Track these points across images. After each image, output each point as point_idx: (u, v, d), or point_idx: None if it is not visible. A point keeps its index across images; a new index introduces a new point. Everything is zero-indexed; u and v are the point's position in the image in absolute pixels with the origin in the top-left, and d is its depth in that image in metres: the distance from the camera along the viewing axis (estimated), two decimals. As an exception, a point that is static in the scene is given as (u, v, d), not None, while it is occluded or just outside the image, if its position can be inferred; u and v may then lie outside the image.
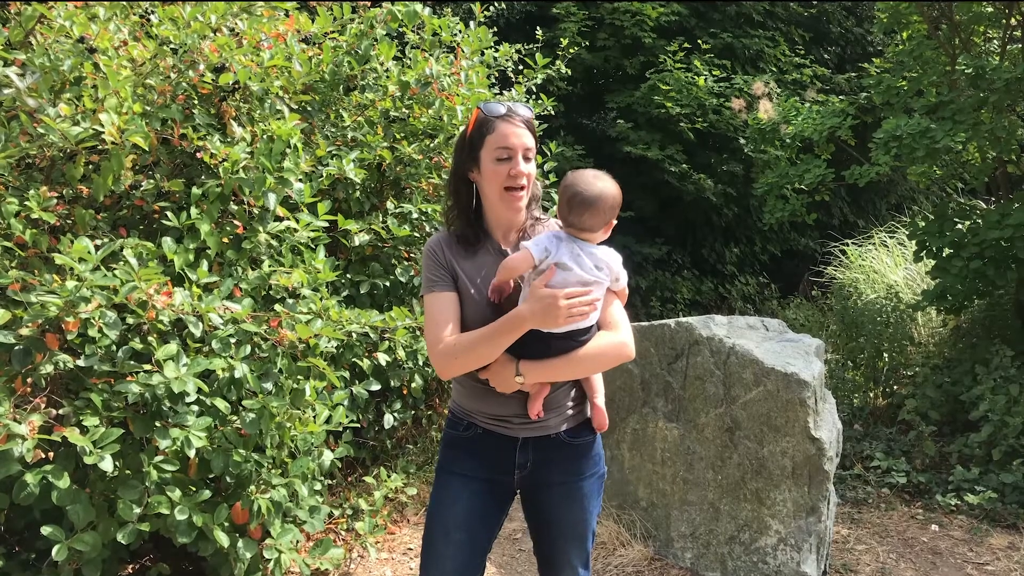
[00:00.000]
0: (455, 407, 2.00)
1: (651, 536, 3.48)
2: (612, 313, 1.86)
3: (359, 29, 3.72)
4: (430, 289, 1.86)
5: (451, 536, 1.91)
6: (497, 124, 1.81)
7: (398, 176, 3.93)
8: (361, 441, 3.94)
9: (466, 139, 1.87)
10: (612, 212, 1.81)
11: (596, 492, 2.00)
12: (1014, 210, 4.38)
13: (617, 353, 1.83)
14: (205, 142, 2.86)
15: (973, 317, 5.16)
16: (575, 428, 1.95)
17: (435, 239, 1.92)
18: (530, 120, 1.86)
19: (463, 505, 1.92)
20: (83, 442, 2.20)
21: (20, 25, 2.67)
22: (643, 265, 8.18)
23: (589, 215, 1.78)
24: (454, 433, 1.98)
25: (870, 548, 3.56)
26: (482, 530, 1.96)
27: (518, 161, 1.81)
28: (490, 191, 1.85)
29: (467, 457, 1.95)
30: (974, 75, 4.52)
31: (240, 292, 2.79)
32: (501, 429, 1.90)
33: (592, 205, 1.77)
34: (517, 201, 1.85)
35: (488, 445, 1.93)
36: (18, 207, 2.42)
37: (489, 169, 1.82)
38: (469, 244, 1.89)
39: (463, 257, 1.88)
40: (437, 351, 1.80)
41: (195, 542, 2.52)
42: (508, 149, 1.80)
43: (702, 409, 3.30)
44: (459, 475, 1.95)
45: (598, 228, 1.82)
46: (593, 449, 1.99)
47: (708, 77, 7.76)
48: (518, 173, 1.81)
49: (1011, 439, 4.01)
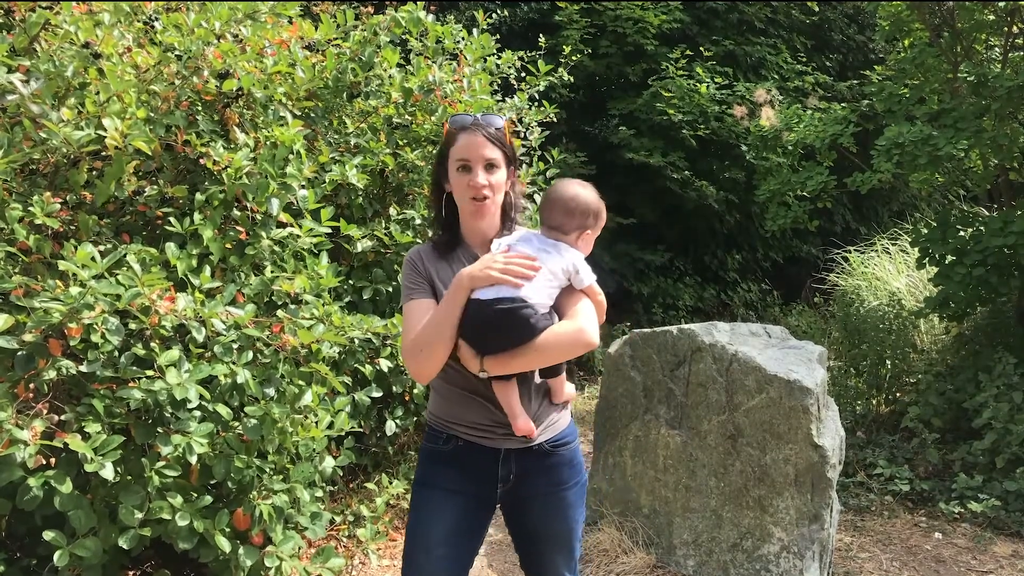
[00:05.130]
0: (433, 420, 1.97)
1: (653, 543, 3.47)
2: (574, 304, 1.86)
3: (362, 36, 3.73)
4: (408, 298, 1.90)
5: (432, 552, 1.89)
6: (459, 136, 1.87)
7: (401, 182, 3.94)
8: (363, 447, 3.94)
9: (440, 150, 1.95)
10: (583, 216, 1.88)
11: (579, 500, 2.00)
12: (1017, 217, 4.37)
13: (574, 339, 1.80)
14: (208, 148, 2.87)
15: (976, 324, 5.14)
16: (556, 437, 1.95)
17: (414, 250, 1.97)
18: (499, 130, 1.89)
19: (445, 521, 1.90)
20: (84, 449, 2.20)
21: (25, 31, 2.68)
22: (645, 272, 8.18)
23: (559, 212, 1.88)
24: (433, 447, 1.96)
25: (873, 556, 3.55)
26: (465, 545, 1.95)
27: (477, 172, 1.85)
28: (458, 201, 1.92)
29: (448, 471, 1.93)
30: (976, 82, 4.52)
31: (243, 298, 2.79)
32: (483, 440, 1.89)
33: (563, 203, 1.88)
34: (483, 210, 1.89)
35: (469, 458, 1.91)
36: (22, 212, 2.42)
37: (454, 180, 1.89)
38: (447, 250, 1.94)
39: (441, 265, 1.93)
40: (406, 351, 1.83)
41: (196, 548, 2.51)
42: (467, 160, 1.86)
43: (704, 416, 3.30)
44: (440, 489, 1.92)
45: (570, 229, 1.89)
46: (575, 457, 1.99)
47: (710, 84, 7.77)
48: (476, 184, 1.85)
49: (1015, 447, 4.00)
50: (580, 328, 1.81)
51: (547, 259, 1.83)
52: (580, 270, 1.87)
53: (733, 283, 9.07)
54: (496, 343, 1.78)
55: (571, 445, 1.98)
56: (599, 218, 1.92)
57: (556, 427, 1.95)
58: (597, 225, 1.93)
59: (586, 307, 1.87)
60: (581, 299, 1.88)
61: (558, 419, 1.97)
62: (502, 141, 1.89)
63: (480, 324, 1.78)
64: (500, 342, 1.78)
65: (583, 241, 1.91)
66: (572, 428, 2.01)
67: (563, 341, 1.79)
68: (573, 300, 1.87)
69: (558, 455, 1.94)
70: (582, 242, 1.91)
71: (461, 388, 1.89)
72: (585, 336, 1.80)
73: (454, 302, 1.78)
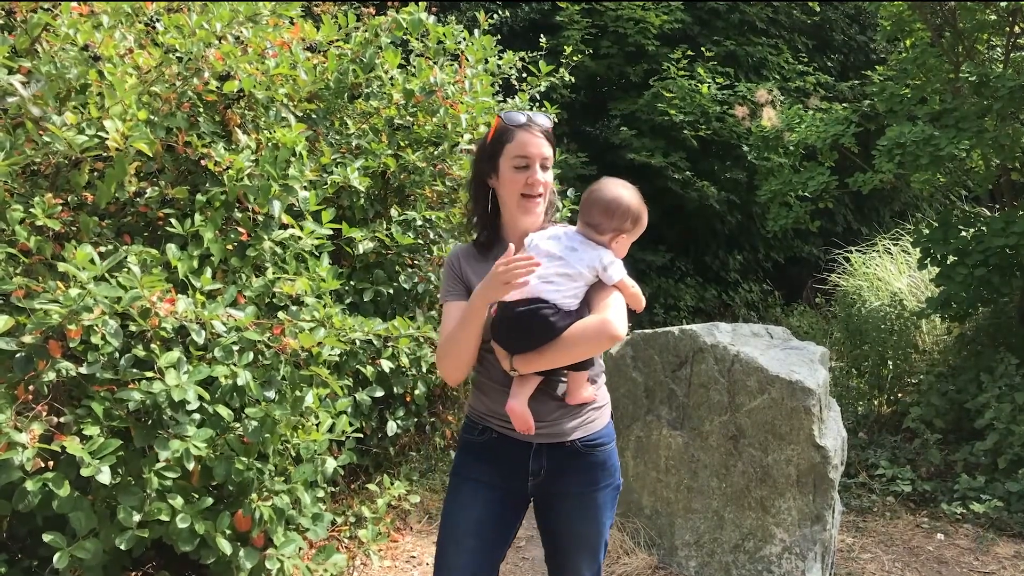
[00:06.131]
0: (471, 412, 2.01)
1: (655, 544, 3.46)
2: (602, 298, 1.86)
3: (364, 37, 3.73)
4: (444, 298, 1.96)
5: (462, 543, 1.91)
6: (516, 133, 1.88)
7: (402, 184, 3.94)
8: (364, 448, 3.94)
9: (486, 146, 1.94)
10: (622, 219, 1.87)
11: (610, 504, 1.99)
12: (1019, 217, 4.37)
13: (599, 329, 1.80)
14: (210, 149, 2.87)
15: (978, 325, 5.14)
16: (590, 437, 1.94)
17: (454, 251, 2.00)
18: (548, 130, 1.92)
19: (475, 512, 1.92)
20: (81, 453, 2.19)
21: (26, 33, 2.67)
22: (646, 272, 8.17)
23: (599, 212, 1.87)
24: (469, 438, 2.00)
25: (875, 557, 3.54)
26: (494, 537, 1.95)
27: (535, 170, 1.88)
28: (508, 197, 1.92)
29: (481, 462, 1.96)
30: (978, 83, 4.52)
31: (244, 299, 2.79)
32: (515, 433, 1.90)
33: (604, 203, 1.87)
34: (534, 207, 1.91)
35: (502, 450, 1.93)
36: (23, 214, 2.42)
37: (508, 176, 1.89)
38: (485, 249, 1.96)
39: (480, 265, 1.93)
40: (438, 354, 1.90)
41: (197, 550, 2.51)
42: (526, 158, 1.87)
43: (706, 417, 3.29)
44: (472, 480, 1.96)
45: (606, 230, 1.88)
46: (609, 460, 1.97)
47: (711, 84, 7.76)
48: (535, 181, 1.88)
49: (1017, 447, 3.99)
50: (604, 320, 1.80)
51: (572, 256, 1.83)
52: (608, 266, 1.85)
53: (734, 283, 9.06)
54: (520, 343, 1.81)
55: (607, 447, 1.97)
56: (638, 223, 1.90)
57: (591, 427, 1.94)
58: (636, 230, 1.91)
59: (615, 300, 1.86)
60: (611, 293, 1.87)
61: (595, 418, 1.96)
62: (552, 141, 1.93)
63: (504, 326, 1.82)
64: (524, 342, 1.81)
65: (618, 244, 1.90)
66: (609, 430, 1.99)
67: (588, 334, 1.80)
68: (603, 295, 1.86)
69: (592, 455, 1.94)
70: (617, 244, 1.90)
71: (497, 383, 1.91)
72: (610, 328, 1.79)
73: (474, 321, 1.80)
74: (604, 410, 2.00)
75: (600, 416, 1.97)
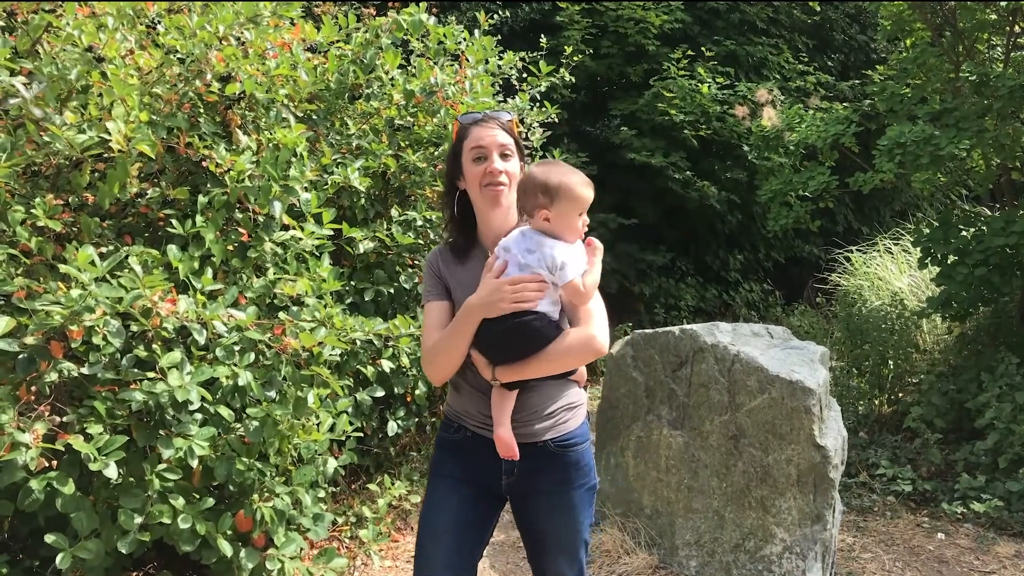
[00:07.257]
0: (448, 410, 2.04)
1: (656, 544, 3.47)
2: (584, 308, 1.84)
3: (364, 38, 3.74)
4: (426, 299, 1.98)
5: (440, 540, 1.94)
6: (471, 129, 1.93)
7: (403, 184, 3.95)
8: (365, 448, 3.94)
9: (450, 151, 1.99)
10: (532, 194, 1.79)
11: (587, 503, 1.99)
12: (1019, 217, 4.37)
13: (584, 345, 1.80)
14: (211, 150, 2.87)
15: (978, 324, 5.14)
16: (563, 437, 1.94)
17: (433, 252, 2.03)
18: (507, 122, 1.95)
19: (450, 510, 1.95)
20: (88, 449, 2.20)
21: (27, 34, 2.68)
22: (647, 272, 8.17)
23: (519, 194, 1.86)
24: (445, 435, 2.03)
25: (876, 556, 3.54)
26: (470, 535, 1.97)
27: (493, 158, 1.89)
28: (473, 193, 1.94)
29: (456, 459, 1.99)
30: (978, 82, 4.52)
31: (245, 300, 2.79)
32: (488, 432, 1.91)
33: (520, 185, 1.86)
34: (499, 196, 1.91)
35: (475, 448, 1.95)
36: (24, 215, 2.43)
37: (469, 171, 1.92)
38: (461, 252, 1.98)
39: (457, 267, 1.96)
40: (423, 356, 1.93)
41: (198, 550, 2.52)
42: (482, 148, 1.90)
43: (707, 417, 3.30)
44: (447, 478, 1.98)
45: (530, 210, 1.82)
46: (583, 459, 1.97)
47: (712, 84, 7.76)
48: (494, 170, 1.89)
49: (1017, 447, 3.99)
50: (590, 336, 1.81)
51: (532, 259, 1.78)
52: (563, 264, 1.76)
53: (735, 283, 9.06)
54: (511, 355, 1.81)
55: (580, 447, 1.97)
56: (553, 194, 1.76)
57: (563, 427, 1.94)
58: (557, 203, 1.76)
59: (598, 310, 1.86)
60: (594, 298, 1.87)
61: (568, 419, 1.96)
62: (511, 132, 1.94)
63: (493, 339, 1.80)
64: (515, 353, 1.81)
65: (552, 223, 1.78)
66: (583, 430, 1.99)
67: (574, 350, 1.81)
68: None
69: (566, 455, 1.94)
70: (551, 224, 1.78)
71: (474, 387, 1.94)
72: (595, 344, 1.81)
73: (465, 329, 1.82)
74: (578, 410, 1.99)
75: (574, 416, 1.97)
